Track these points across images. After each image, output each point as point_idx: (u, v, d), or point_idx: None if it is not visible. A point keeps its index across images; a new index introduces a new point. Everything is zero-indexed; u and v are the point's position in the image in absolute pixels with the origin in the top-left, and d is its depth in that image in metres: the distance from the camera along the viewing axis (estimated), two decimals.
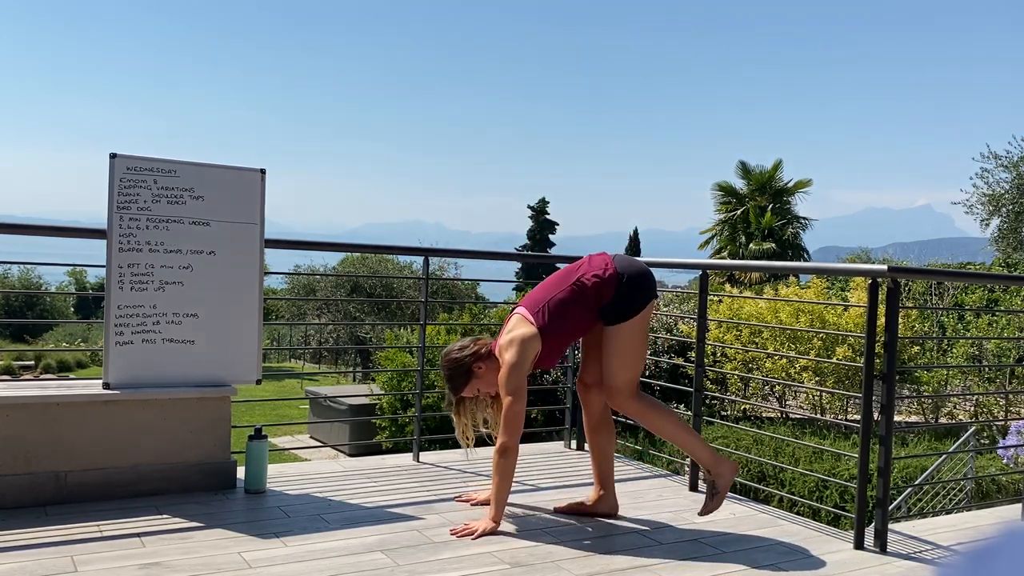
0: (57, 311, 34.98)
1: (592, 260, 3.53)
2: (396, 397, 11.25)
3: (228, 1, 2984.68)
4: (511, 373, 3.37)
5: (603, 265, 3.47)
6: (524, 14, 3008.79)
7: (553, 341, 3.44)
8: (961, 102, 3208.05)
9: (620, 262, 3.50)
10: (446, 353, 3.57)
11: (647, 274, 3.51)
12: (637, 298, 3.43)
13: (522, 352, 3.37)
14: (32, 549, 2.98)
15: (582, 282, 3.44)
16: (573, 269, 3.52)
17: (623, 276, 3.43)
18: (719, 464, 3.51)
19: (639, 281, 3.45)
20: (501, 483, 3.38)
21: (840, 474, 8.75)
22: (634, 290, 3.43)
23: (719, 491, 3.49)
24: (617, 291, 3.42)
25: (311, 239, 4.75)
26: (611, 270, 3.44)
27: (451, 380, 3.55)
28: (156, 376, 3.69)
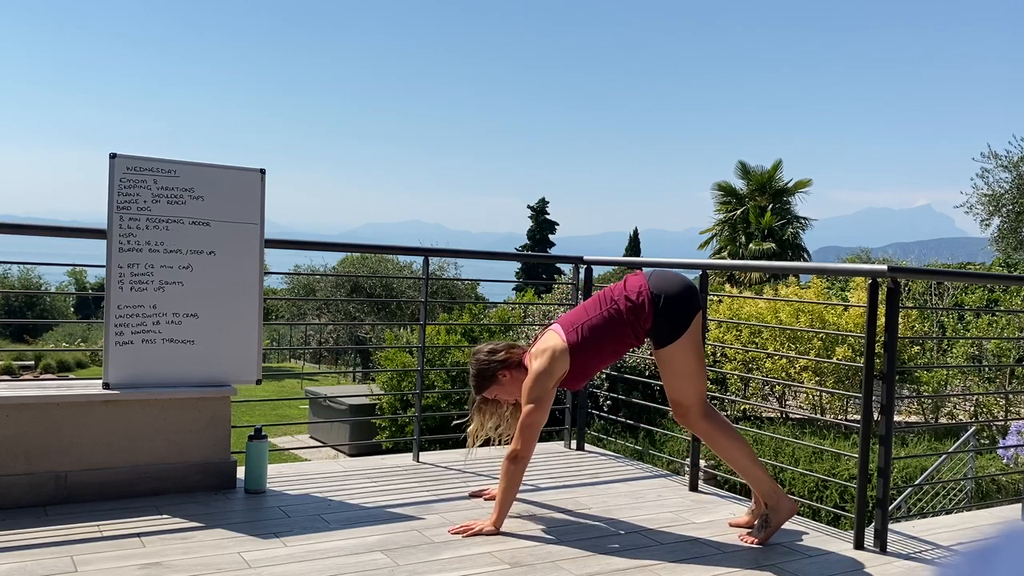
0: (57, 311, 34.97)
1: (628, 282, 3.45)
2: (396, 397, 11.25)
3: (228, 1, 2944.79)
4: (536, 381, 3.36)
5: (637, 289, 3.38)
6: (524, 14, 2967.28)
7: (583, 362, 3.40)
8: (961, 102, 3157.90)
9: (656, 283, 3.39)
10: (476, 351, 3.57)
11: (686, 289, 3.40)
12: (679, 317, 3.34)
13: (551, 363, 3.36)
14: (32, 549, 2.98)
15: (617, 306, 3.38)
16: (609, 292, 3.46)
17: (659, 298, 3.34)
18: (779, 500, 3.44)
19: (678, 298, 3.35)
20: (508, 489, 3.37)
21: (840, 474, 8.76)
22: (674, 309, 3.34)
23: (771, 525, 3.42)
24: (657, 314, 3.34)
25: (311, 239, 4.76)
26: (645, 294, 3.35)
27: (475, 379, 3.55)
28: (156, 376, 3.69)
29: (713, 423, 3.44)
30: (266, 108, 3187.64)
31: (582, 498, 3.96)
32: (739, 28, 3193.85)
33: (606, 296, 3.45)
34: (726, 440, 3.44)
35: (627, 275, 3.56)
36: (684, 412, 3.43)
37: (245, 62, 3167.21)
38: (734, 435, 3.46)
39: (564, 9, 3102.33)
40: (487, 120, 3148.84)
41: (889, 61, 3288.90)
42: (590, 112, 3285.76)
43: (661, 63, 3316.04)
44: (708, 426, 3.43)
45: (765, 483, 3.46)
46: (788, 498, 3.48)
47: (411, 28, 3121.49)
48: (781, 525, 3.46)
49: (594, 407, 10.80)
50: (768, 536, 3.42)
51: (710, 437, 3.46)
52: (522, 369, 3.52)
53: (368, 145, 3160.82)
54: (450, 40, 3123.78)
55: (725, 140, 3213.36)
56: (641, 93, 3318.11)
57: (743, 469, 3.48)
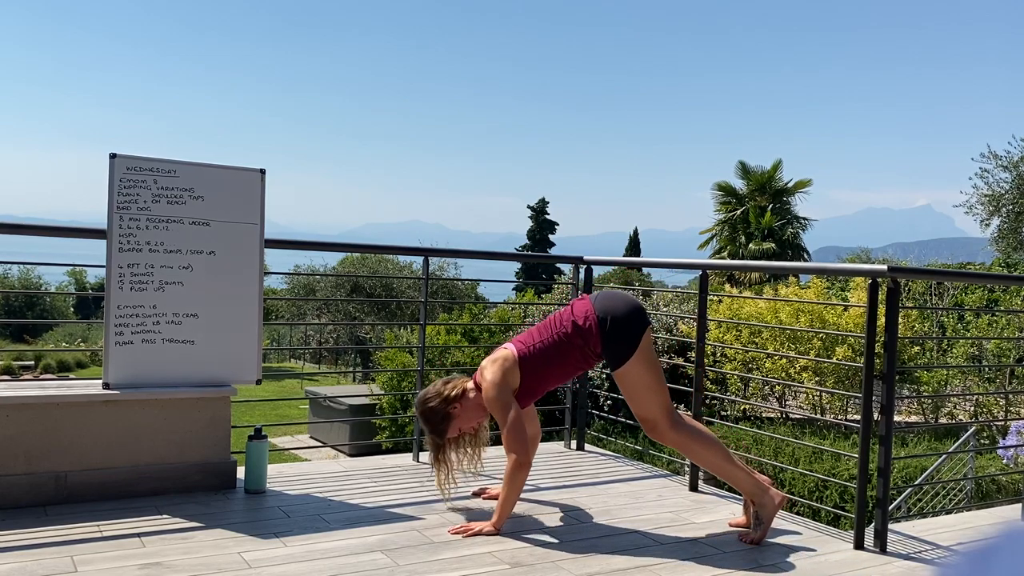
0: (57, 311, 34.98)
1: (575, 307, 3.52)
2: (396, 397, 11.25)
3: (228, 1, 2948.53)
4: (498, 391, 3.40)
5: (584, 313, 3.45)
6: (524, 14, 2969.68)
7: (531, 379, 3.46)
8: (961, 102, 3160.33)
9: (601, 305, 3.45)
10: (422, 401, 3.56)
11: (632, 309, 3.45)
12: (628, 337, 3.41)
13: (503, 372, 3.42)
14: (32, 549, 2.98)
15: (565, 331, 3.45)
16: (558, 316, 3.53)
17: (606, 321, 3.40)
18: (763, 495, 3.45)
19: (625, 319, 3.41)
20: (510, 494, 3.38)
21: (840, 474, 8.76)
22: (622, 330, 3.41)
23: (763, 522, 3.43)
24: (605, 337, 3.41)
25: (311, 239, 4.76)
26: (592, 319, 3.41)
27: (433, 426, 3.54)
28: (156, 376, 3.69)
29: (683, 433, 3.46)
30: (266, 108, 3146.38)
31: (582, 498, 3.96)
32: (739, 28, 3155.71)
33: (556, 320, 3.51)
34: (699, 447, 3.46)
35: (574, 300, 3.62)
36: (652, 427, 3.47)
37: (245, 62, 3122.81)
38: (707, 441, 3.47)
39: (564, 9, 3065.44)
40: (487, 120, 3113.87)
41: (889, 61, 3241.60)
42: (590, 112, 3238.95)
43: (661, 63, 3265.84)
44: (679, 437, 3.45)
45: (746, 482, 3.47)
46: (773, 492, 3.48)
47: (411, 28, 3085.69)
48: (773, 519, 3.47)
49: (594, 407, 10.81)
50: (764, 533, 3.43)
51: (683, 447, 3.49)
52: (469, 395, 3.54)
53: (368, 145, 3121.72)
54: (450, 40, 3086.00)
55: (725, 140, 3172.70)
56: (641, 93, 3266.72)
57: (721, 472, 3.50)
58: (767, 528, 3.44)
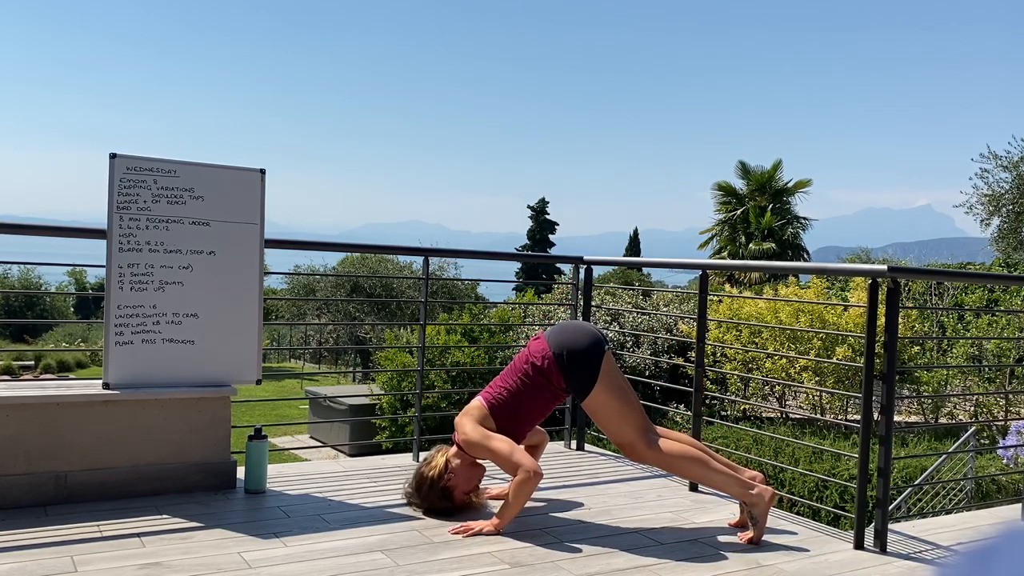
0: (57, 311, 34.97)
1: (531, 348, 3.57)
2: (396, 397, 11.25)
3: (228, 1, 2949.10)
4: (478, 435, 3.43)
5: (540, 353, 3.50)
6: (524, 14, 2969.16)
7: (507, 423, 3.50)
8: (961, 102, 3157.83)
9: (555, 341, 3.50)
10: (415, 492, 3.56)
11: (587, 339, 3.50)
12: (588, 366, 3.45)
13: (476, 420, 3.48)
14: (32, 549, 2.98)
15: (527, 372, 3.51)
16: (518, 360, 3.58)
17: (562, 356, 3.45)
18: (753, 496, 3.45)
19: (581, 350, 3.46)
20: (516, 499, 3.38)
21: (840, 474, 8.76)
22: (579, 362, 3.45)
23: (758, 520, 3.43)
24: (565, 371, 3.46)
25: (311, 239, 4.76)
26: (548, 357, 3.47)
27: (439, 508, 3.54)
28: (156, 376, 3.69)
29: (660, 452, 3.47)
30: (266, 108, 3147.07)
31: (582, 498, 3.96)
32: (739, 28, 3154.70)
33: (516, 365, 3.57)
34: (679, 462, 3.48)
35: (531, 340, 3.66)
36: (630, 451, 3.51)
37: (245, 62, 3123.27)
38: (686, 455, 3.48)
39: (564, 9, 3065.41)
40: (487, 120, 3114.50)
41: (889, 61, 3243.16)
42: (590, 112, 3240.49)
43: (661, 63, 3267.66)
44: (657, 456, 3.48)
45: (733, 487, 3.47)
46: (760, 488, 3.46)
47: (411, 28, 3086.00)
48: (767, 515, 3.47)
49: None
50: (761, 530, 3.44)
51: (663, 465, 3.52)
52: (454, 461, 3.56)
53: (368, 145, 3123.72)
54: (450, 40, 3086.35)
55: (725, 140, 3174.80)
56: (641, 93, 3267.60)
57: (705, 482, 3.53)
58: (763, 525, 3.44)
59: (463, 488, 3.57)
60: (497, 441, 3.41)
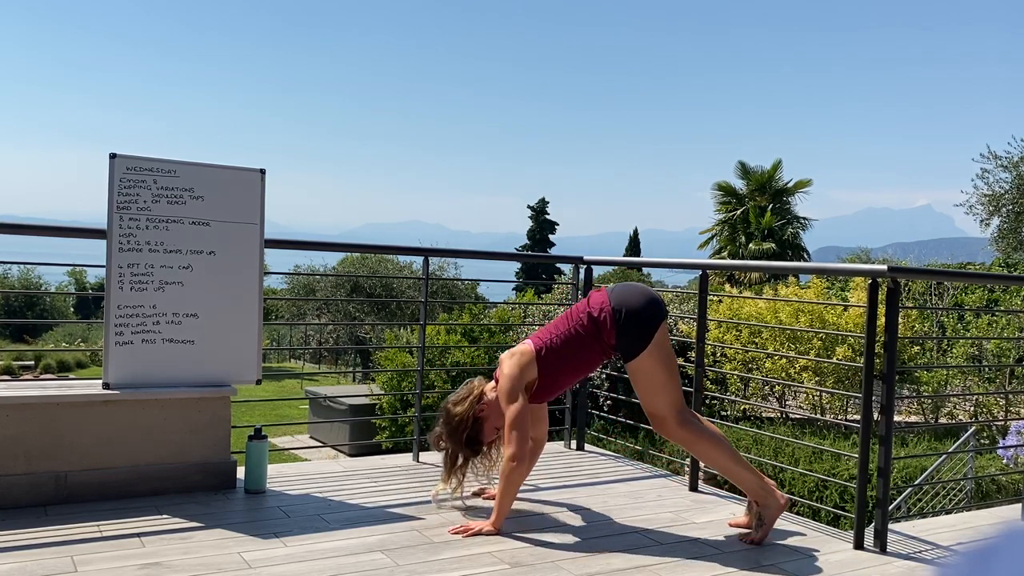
0: (57, 311, 34.97)
1: (591, 299, 3.51)
2: (396, 397, 11.25)
3: (228, 1, 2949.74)
4: (511, 382, 3.40)
5: (599, 305, 3.44)
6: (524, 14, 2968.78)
7: (551, 374, 3.47)
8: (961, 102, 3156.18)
9: (617, 297, 3.44)
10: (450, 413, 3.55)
11: (648, 301, 3.43)
12: (643, 330, 3.38)
13: (520, 366, 3.42)
14: (32, 549, 2.98)
15: (581, 323, 3.45)
16: (575, 310, 3.52)
17: (620, 313, 3.39)
18: (768, 497, 3.44)
19: (640, 312, 3.39)
20: (507, 491, 3.37)
21: (840, 474, 8.76)
22: (637, 323, 3.38)
23: (765, 523, 3.43)
24: (619, 329, 3.39)
25: (311, 239, 4.76)
26: (607, 311, 3.40)
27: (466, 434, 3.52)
28: (156, 376, 3.69)
29: (691, 431, 3.44)
30: (266, 108, 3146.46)
31: (582, 498, 3.96)
32: (739, 28, 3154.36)
33: (572, 314, 3.51)
34: (706, 446, 3.46)
35: (591, 291, 3.60)
36: (660, 423, 3.46)
37: (245, 62, 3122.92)
38: (715, 440, 3.46)
39: (564, 9, 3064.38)
40: (487, 120, 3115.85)
41: (889, 61, 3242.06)
42: (590, 112, 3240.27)
43: (661, 63, 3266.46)
44: (686, 434, 3.44)
45: (752, 483, 3.46)
46: (778, 493, 3.48)
47: (411, 28, 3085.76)
48: (775, 521, 3.47)
49: (594, 407, 10.80)
50: (765, 534, 3.42)
51: (690, 444, 3.48)
52: (490, 394, 3.55)
53: (368, 145, 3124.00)
54: (450, 40, 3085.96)
55: (725, 140, 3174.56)
56: (641, 93, 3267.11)
57: (727, 472, 3.50)
58: (769, 529, 3.44)
59: (493, 422, 3.54)
60: (514, 407, 3.36)
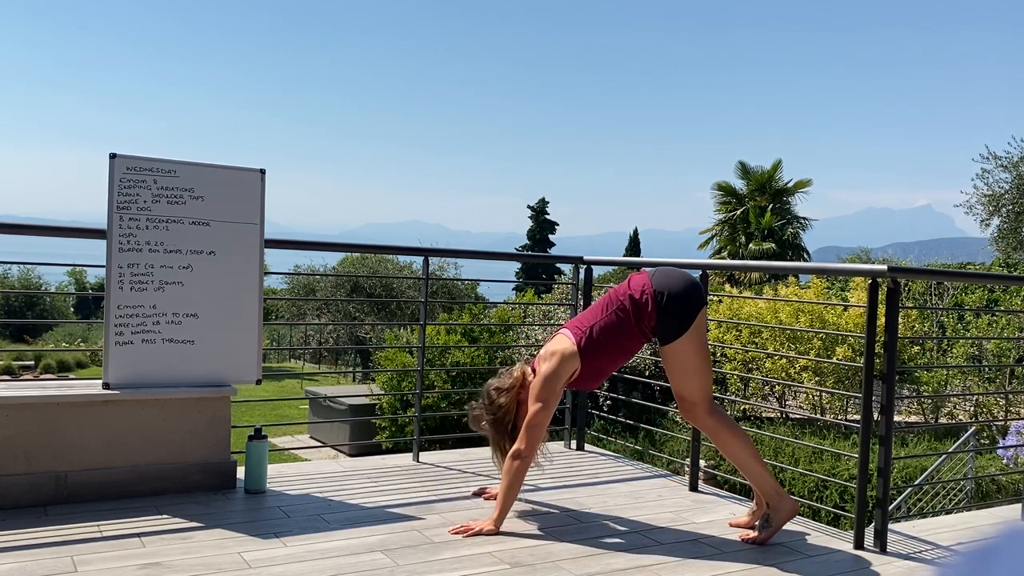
0: (57, 311, 34.97)
1: (632, 281, 3.48)
2: (396, 397, 11.25)
3: (228, 1, 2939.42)
4: (545, 383, 3.39)
5: (641, 287, 3.42)
6: (524, 14, 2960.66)
7: (594, 363, 3.44)
8: (961, 102, 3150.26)
9: (659, 280, 3.42)
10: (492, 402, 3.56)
11: (689, 286, 3.42)
12: (683, 313, 3.36)
13: (559, 365, 3.39)
14: (32, 549, 2.98)
15: (623, 306, 3.42)
16: (614, 293, 3.49)
17: (662, 296, 3.37)
18: (780, 500, 3.44)
19: (681, 295, 3.38)
20: (509, 488, 3.38)
21: (840, 474, 8.76)
22: (677, 306, 3.36)
23: (772, 526, 3.43)
24: (660, 311, 3.37)
25: (311, 239, 4.76)
26: (649, 293, 3.38)
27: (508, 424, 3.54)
28: (156, 376, 3.69)
29: (718, 420, 3.45)
30: (266, 108, 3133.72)
31: (582, 498, 3.96)
32: (739, 28, 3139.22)
33: (612, 297, 3.48)
34: (731, 437, 3.46)
35: (631, 274, 3.57)
36: (690, 408, 3.45)
37: (245, 62, 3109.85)
38: (739, 433, 3.48)
39: (564, 9, 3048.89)
40: (487, 120, 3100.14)
41: (889, 61, 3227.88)
42: (590, 112, 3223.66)
43: (661, 63, 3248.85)
44: (714, 422, 3.44)
45: (768, 483, 3.46)
46: (790, 499, 3.48)
47: (411, 28, 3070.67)
48: (782, 526, 3.47)
49: (594, 407, 10.80)
50: (769, 536, 3.42)
51: (715, 433, 3.47)
52: (529, 379, 3.55)
53: (368, 145, 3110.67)
54: (450, 40, 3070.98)
55: (725, 140, 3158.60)
56: (641, 93, 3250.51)
57: (746, 467, 3.49)
58: (775, 532, 3.44)
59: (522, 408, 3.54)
60: (538, 409, 3.36)
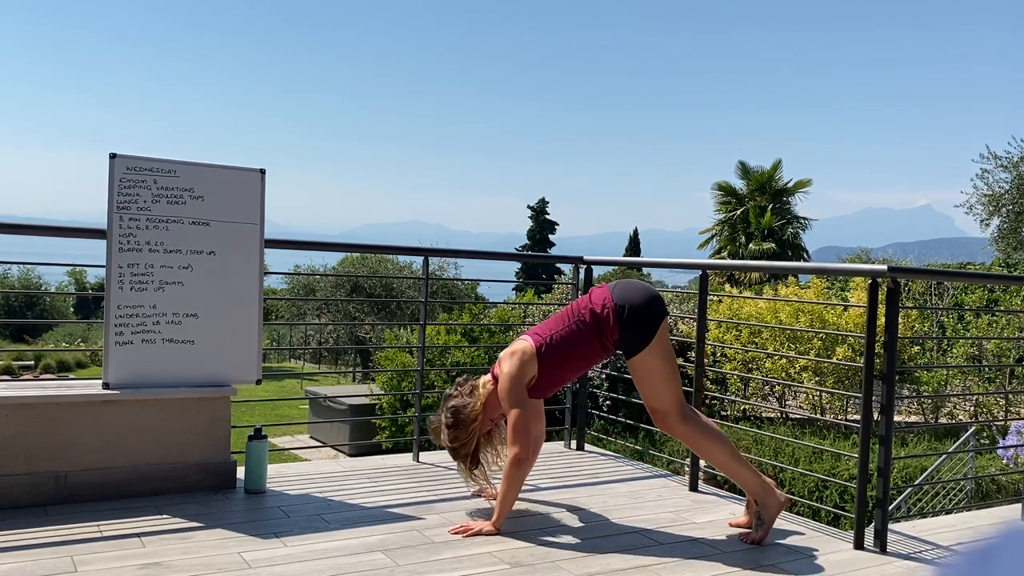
0: (57, 311, 34.97)
1: (593, 295, 3.51)
2: (396, 397, 11.25)
3: (228, 1, 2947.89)
4: (512, 383, 3.41)
5: (602, 301, 3.45)
6: (524, 14, 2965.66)
7: (551, 371, 3.47)
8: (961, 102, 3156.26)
9: (620, 293, 3.45)
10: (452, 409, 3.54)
11: (649, 298, 3.45)
12: (645, 325, 3.39)
13: (520, 365, 3.42)
14: (32, 549, 2.98)
15: (583, 319, 3.45)
16: (576, 306, 3.52)
17: (624, 309, 3.40)
18: (767, 496, 3.45)
19: (642, 308, 3.40)
20: (508, 491, 3.38)
21: (840, 474, 8.76)
22: (639, 318, 3.39)
23: (765, 522, 3.43)
24: (622, 324, 3.40)
25: (311, 239, 4.76)
26: (609, 307, 3.41)
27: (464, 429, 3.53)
28: (156, 376, 3.69)
29: (693, 426, 3.46)
30: (266, 108, 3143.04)
31: (582, 498, 3.96)
32: (739, 28, 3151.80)
33: (573, 310, 3.51)
34: (707, 442, 3.47)
35: (593, 288, 3.61)
36: (662, 418, 3.47)
37: (245, 62, 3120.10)
38: (715, 436, 3.48)
39: (564, 9, 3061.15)
40: (487, 120, 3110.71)
41: (889, 61, 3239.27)
42: (590, 112, 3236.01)
43: (661, 63, 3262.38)
44: (688, 430, 3.46)
45: (751, 481, 3.47)
46: (777, 492, 3.48)
47: (411, 28, 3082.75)
48: (775, 520, 3.47)
49: (594, 407, 10.80)
50: (765, 534, 3.43)
51: (690, 440, 3.50)
52: (488, 386, 3.56)
53: (368, 145, 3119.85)
54: (450, 40, 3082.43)
55: (725, 140, 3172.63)
56: (641, 93, 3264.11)
57: (726, 469, 3.51)
58: (769, 528, 3.44)
59: (489, 414, 3.55)
60: (517, 407, 3.38)
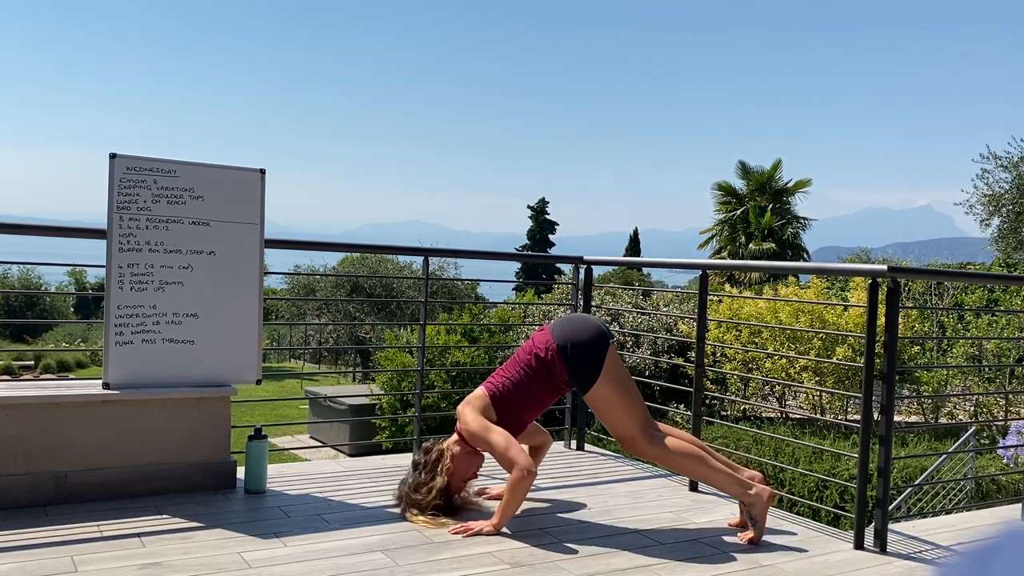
0: (57, 311, 34.97)
1: (535, 340, 3.58)
2: (396, 397, 11.25)
3: (228, 1, 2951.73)
4: (479, 423, 3.45)
5: (544, 345, 3.52)
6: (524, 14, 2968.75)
7: (510, 414, 3.52)
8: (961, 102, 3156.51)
9: (560, 333, 3.50)
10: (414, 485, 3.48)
11: (591, 332, 3.50)
12: (592, 358, 3.46)
13: (478, 409, 3.49)
14: (32, 549, 2.98)
15: (530, 364, 3.53)
16: (522, 351, 3.59)
17: (566, 348, 3.46)
18: (752, 496, 3.45)
19: (585, 342, 3.47)
20: (512, 498, 3.39)
21: (840, 474, 8.75)
22: (585, 353, 3.46)
23: (757, 520, 3.43)
24: (568, 364, 3.47)
25: (311, 239, 4.76)
26: (552, 349, 3.48)
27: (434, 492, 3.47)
28: (156, 376, 3.69)
29: (660, 447, 3.49)
30: (266, 108, 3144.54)
31: (582, 498, 3.96)
32: (739, 28, 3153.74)
33: (520, 356, 3.58)
34: (678, 458, 3.50)
35: (534, 332, 3.68)
36: (630, 444, 3.52)
37: (245, 62, 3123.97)
38: (686, 451, 3.50)
39: (564, 9, 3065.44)
40: (487, 120, 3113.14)
41: (889, 61, 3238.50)
42: (590, 112, 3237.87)
43: (661, 63, 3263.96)
44: (657, 451, 3.50)
45: (731, 486, 3.48)
46: (759, 488, 3.46)
47: (411, 28, 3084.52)
48: (766, 515, 3.46)
49: None
50: (760, 531, 3.43)
51: (662, 460, 3.54)
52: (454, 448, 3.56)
53: (368, 145, 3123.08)
54: (450, 40, 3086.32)
55: (725, 140, 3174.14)
56: (641, 93, 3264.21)
57: (703, 479, 3.55)
58: (763, 525, 3.44)
59: (461, 475, 3.56)
60: (495, 434, 3.41)
